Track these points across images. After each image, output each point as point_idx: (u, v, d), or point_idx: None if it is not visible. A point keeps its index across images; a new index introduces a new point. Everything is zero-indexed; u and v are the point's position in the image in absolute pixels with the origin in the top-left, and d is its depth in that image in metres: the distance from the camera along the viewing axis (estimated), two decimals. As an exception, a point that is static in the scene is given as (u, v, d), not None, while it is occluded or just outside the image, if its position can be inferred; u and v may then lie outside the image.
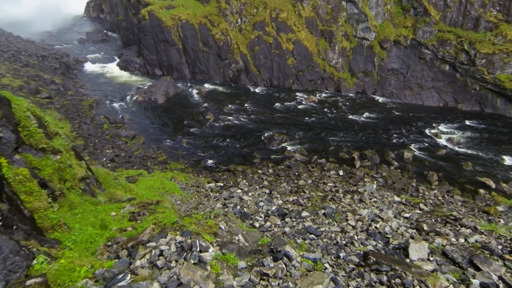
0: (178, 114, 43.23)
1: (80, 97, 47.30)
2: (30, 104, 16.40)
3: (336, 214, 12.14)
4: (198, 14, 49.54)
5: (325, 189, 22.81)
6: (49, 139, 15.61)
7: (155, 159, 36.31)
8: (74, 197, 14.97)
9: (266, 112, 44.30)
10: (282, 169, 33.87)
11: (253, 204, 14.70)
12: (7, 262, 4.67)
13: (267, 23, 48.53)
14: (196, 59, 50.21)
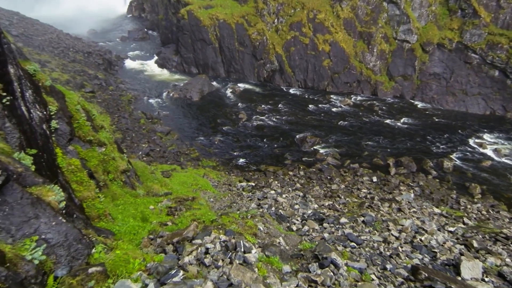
0: (211, 112, 43.87)
1: (120, 92, 49.32)
2: (80, 98, 17.27)
3: (376, 222, 11.70)
4: (235, 14, 50.01)
5: (360, 195, 22.15)
6: (95, 132, 16.34)
7: (188, 156, 37.04)
8: (116, 188, 15.57)
9: (299, 114, 43.86)
10: (314, 172, 33.38)
11: (288, 207, 14.54)
12: (71, 249, 4.88)
13: (304, 24, 48.02)
14: (231, 58, 50.73)
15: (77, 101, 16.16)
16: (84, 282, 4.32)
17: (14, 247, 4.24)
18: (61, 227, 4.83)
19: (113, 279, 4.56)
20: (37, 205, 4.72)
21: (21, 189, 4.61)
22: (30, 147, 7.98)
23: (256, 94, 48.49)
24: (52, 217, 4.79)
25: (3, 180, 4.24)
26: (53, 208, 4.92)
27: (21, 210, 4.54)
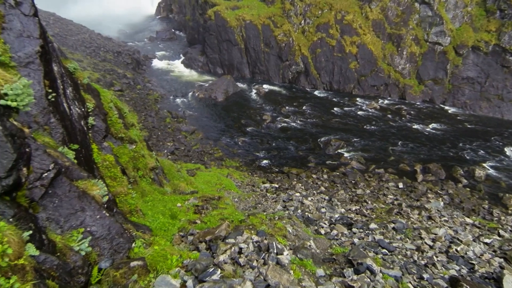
0: (236, 113, 44.16)
1: (147, 91, 50.60)
2: (112, 96, 17.84)
3: (407, 230, 11.32)
4: (262, 15, 50.14)
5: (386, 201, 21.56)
6: (127, 129, 16.80)
7: (212, 155, 37.42)
8: (145, 185, 15.94)
9: (324, 116, 43.33)
10: (338, 175, 32.87)
11: (314, 210, 14.36)
12: (113, 243, 5.01)
13: (331, 25, 47.44)
14: (256, 59, 50.89)
15: (110, 99, 16.70)
16: (127, 275, 4.42)
17: (63, 238, 4.41)
18: (104, 220, 4.97)
19: (153, 274, 4.64)
20: (83, 198, 4.89)
21: (69, 182, 4.78)
22: (71, 142, 8.31)
23: (281, 95, 48.37)
24: (96, 211, 4.94)
25: (55, 173, 4.41)
26: (97, 202, 5.08)
27: (69, 202, 4.72)
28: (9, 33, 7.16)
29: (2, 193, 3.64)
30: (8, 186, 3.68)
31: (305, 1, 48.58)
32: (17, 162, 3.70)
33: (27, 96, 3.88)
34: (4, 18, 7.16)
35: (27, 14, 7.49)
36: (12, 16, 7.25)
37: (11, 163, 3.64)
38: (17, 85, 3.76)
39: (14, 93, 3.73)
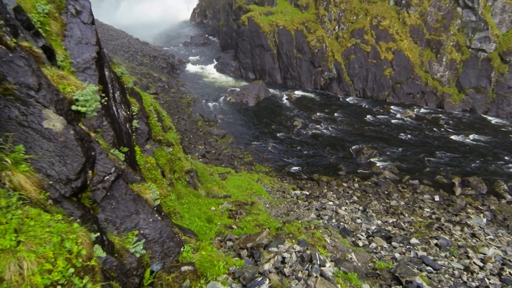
0: (266, 118, 44.23)
1: (180, 95, 51.96)
2: (152, 99, 18.45)
3: (451, 247, 10.69)
4: (295, 21, 50.09)
5: (424, 214, 20.57)
6: (164, 132, 17.28)
7: (242, 159, 37.63)
8: (181, 188, 16.26)
9: (356, 124, 42.33)
10: (369, 185, 31.93)
11: (350, 220, 13.97)
12: (164, 246, 5.12)
13: (366, 31, 46.45)
14: (289, 65, 50.82)
15: (150, 103, 17.26)
16: (179, 280, 4.48)
17: (120, 239, 4.56)
18: (156, 224, 5.09)
19: (203, 280, 4.68)
20: (138, 201, 5.04)
21: (125, 185, 4.95)
22: (120, 145, 8.64)
23: (312, 101, 47.88)
24: (149, 214, 5.07)
25: (115, 176, 4.58)
26: (150, 205, 5.22)
27: (125, 205, 4.87)
28: (69, 40, 7.60)
29: (71, 194, 3.82)
30: (77, 188, 3.85)
31: (340, 6, 47.97)
32: (85, 165, 3.87)
33: (94, 102, 4.06)
34: (65, 26, 7.62)
35: (86, 22, 7.92)
36: (72, 24, 7.70)
37: (80, 166, 3.81)
38: (86, 91, 3.95)
39: (84, 99, 3.92)
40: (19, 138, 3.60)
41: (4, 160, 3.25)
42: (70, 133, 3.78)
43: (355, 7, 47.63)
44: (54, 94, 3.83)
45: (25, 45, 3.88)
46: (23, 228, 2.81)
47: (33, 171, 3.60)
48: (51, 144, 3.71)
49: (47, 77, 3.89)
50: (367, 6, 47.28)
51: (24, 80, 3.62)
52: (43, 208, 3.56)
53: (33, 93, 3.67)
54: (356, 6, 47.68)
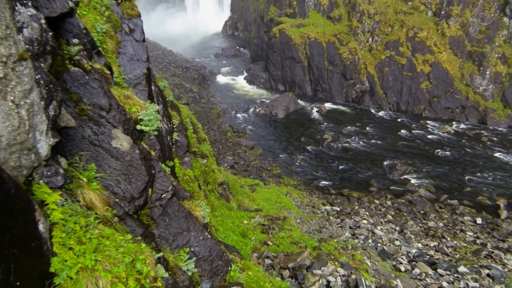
0: (296, 130, 43.94)
1: (210, 106, 52.92)
2: (188, 111, 18.87)
3: (506, 279, 9.88)
4: (327, 33, 49.90)
5: (467, 238, 19.32)
6: (199, 143, 17.55)
7: (270, 172, 37.46)
8: (214, 199, 16.34)
9: (389, 139, 41.01)
10: (403, 203, 30.61)
11: (387, 241, 13.36)
12: (213, 265, 5.09)
13: (401, 43, 45.35)
14: (319, 77, 50.51)
15: (187, 115, 17.66)
16: (229, 302, 4.42)
17: (174, 257, 4.58)
18: (206, 242, 5.08)
19: (253, 303, 4.59)
20: (189, 218, 5.06)
21: (178, 202, 5.00)
22: (164, 158, 8.83)
23: (343, 114, 47.09)
24: (200, 232, 5.08)
25: (172, 194, 4.64)
26: (200, 223, 5.23)
27: (177, 222, 4.91)
28: (123, 57, 7.94)
29: (133, 212, 3.89)
30: (139, 206, 3.93)
31: (374, 18, 47.28)
32: (147, 184, 3.95)
33: (156, 121, 4.17)
34: (120, 43, 7.97)
35: (138, 39, 8.25)
36: (126, 42, 8.05)
37: (143, 185, 3.89)
38: (150, 111, 4.07)
39: (148, 119, 4.03)
40: (90, 157, 3.73)
41: (80, 178, 3.37)
42: (135, 152, 3.87)
43: (390, 19, 46.74)
44: (122, 114, 3.95)
45: (97, 67, 4.05)
46: (99, 247, 2.88)
47: (101, 189, 3.71)
48: (118, 163, 3.81)
49: (116, 98, 4.02)
50: (403, 17, 46.25)
51: (97, 101, 3.77)
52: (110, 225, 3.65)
53: (104, 114, 3.80)
54: (391, 17, 46.79)
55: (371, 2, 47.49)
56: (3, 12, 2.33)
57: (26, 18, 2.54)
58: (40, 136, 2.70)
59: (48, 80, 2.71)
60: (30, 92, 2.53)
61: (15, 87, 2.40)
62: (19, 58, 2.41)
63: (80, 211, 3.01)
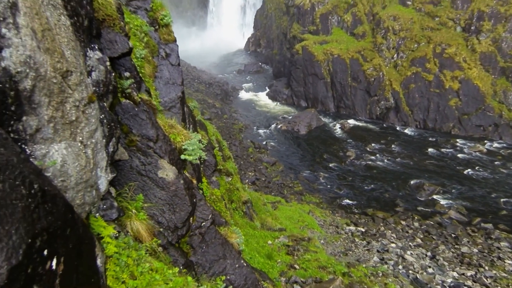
0: (318, 147, 43.52)
1: (232, 121, 53.48)
2: (214, 129, 19.14)
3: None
4: (351, 49, 49.82)
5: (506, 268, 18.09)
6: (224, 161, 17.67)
7: (292, 188, 37.09)
8: (238, 218, 16.28)
9: (416, 157, 39.77)
10: (432, 225, 29.29)
11: (419, 268, 12.75)
12: (249, 295, 5.02)
13: (428, 59, 44.49)
14: (342, 93, 50.19)
15: (213, 132, 17.92)
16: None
17: (211, 285, 4.56)
18: (242, 270, 5.04)
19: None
20: (225, 246, 5.06)
21: (215, 229, 5.02)
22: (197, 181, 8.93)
23: (367, 131, 46.29)
24: (236, 259, 5.04)
25: (211, 222, 4.67)
26: (236, 250, 5.21)
27: (214, 249, 4.91)
28: (159, 81, 8.23)
29: (175, 241, 3.94)
30: (181, 235, 3.97)
31: (399, 34, 46.84)
32: (190, 213, 3.99)
33: (199, 150, 4.25)
34: (157, 68, 8.28)
35: (174, 64, 8.54)
36: (162, 66, 8.35)
37: (187, 215, 3.93)
38: (194, 141, 4.15)
39: (192, 149, 4.12)
40: (137, 187, 3.83)
41: (129, 209, 3.46)
42: (180, 182, 3.94)
43: (416, 35, 46.13)
44: (168, 144, 4.05)
45: (145, 98, 4.20)
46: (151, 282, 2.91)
47: (147, 219, 3.79)
48: (163, 192, 3.89)
49: (162, 128, 4.13)
50: (430, 33, 45.54)
51: (146, 132, 3.89)
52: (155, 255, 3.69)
53: (152, 144, 3.91)
54: (417, 33, 46.19)
55: (396, 19, 47.18)
56: (78, 60, 2.46)
57: (94, 62, 2.69)
58: (100, 173, 2.80)
59: (110, 119, 2.83)
60: (95, 131, 2.65)
61: (84, 128, 2.52)
62: (88, 101, 2.53)
63: (132, 244, 3.07)
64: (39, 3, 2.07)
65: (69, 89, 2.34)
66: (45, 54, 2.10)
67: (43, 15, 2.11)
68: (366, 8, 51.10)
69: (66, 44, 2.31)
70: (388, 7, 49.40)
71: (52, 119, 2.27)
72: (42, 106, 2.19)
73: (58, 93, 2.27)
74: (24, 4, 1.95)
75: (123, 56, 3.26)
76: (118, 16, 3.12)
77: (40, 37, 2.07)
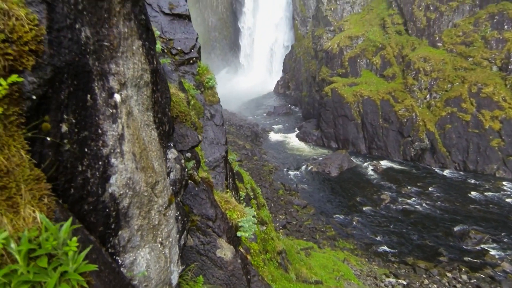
0: (350, 190, 42.28)
1: (262, 163, 53.70)
2: (249, 177, 19.29)
3: None
4: (381, 91, 49.81)
5: None
6: (258, 209, 17.52)
7: (324, 233, 35.76)
8: (273, 269, 15.73)
9: (457, 201, 37.36)
10: (483, 279, 26.66)
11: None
12: None
13: (464, 99, 43.34)
14: (374, 134, 49.44)
15: (248, 180, 18.03)
16: None
17: None
18: None
19: None
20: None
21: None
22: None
23: (401, 173, 44.59)
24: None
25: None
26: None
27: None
28: (204, 141, 8.60)
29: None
30: (237, 318, 3.92)
31: (431, 75, 46.44)
32: (246, 293, 3.97)
33: (253, 225, 4.31)
34: (202, 128, 8.71)
35: (218, 124, 8.96)
36: (207, 126, 8.77)
37: (243, 295, 3.92)
38: (249, 217, 4.24)
39: (248, 226, 4.19)
40: (196, 266, 3.90)
41: (191, 295, 3.50)
42: (237, 262, 3.97)
43: (449, 75, 45.52)
44: (226, 223, 4.15)
45: (204, 176, 4.39)
46: None
47: (205, 301, 3.80)
48: (221, 272, 3.92)
49: (220, 207, 4.25)
50: (464, 73, 44.78)
51: (205, 212, 4.02)
52: None
53: (211, 224, 4.02)
54: (450, 74, 45.59)
55: (427, 60, 47.12)
56: (162, 167, 2.67)
57: (172, 163, 2.92)
58: (173, 267, 2.90)
59: (183, 214, 2.99)
60: (171, 230, 2.80)
61: (163, 229, 2.67)
62: (168, 204, 2.71)
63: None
64: (138, 127, 2.33)
65: (155, 197, 2.53)
66: (141, 173, 2.32)
67: (141, 137, 2.36)
68: (395, 51, 51.70)
69: (155, 156, 2.54)
70: (418, 49, 49.68)
71: (140, 228, 2.44)
72: (133, 218, 2.37)
73: (147, 204, 2.46)
74: (128, 132, 2.20)
75: (192, 148, 3.51)
76: (189, 111, 3.41)
77: (138, 158, 2.30)
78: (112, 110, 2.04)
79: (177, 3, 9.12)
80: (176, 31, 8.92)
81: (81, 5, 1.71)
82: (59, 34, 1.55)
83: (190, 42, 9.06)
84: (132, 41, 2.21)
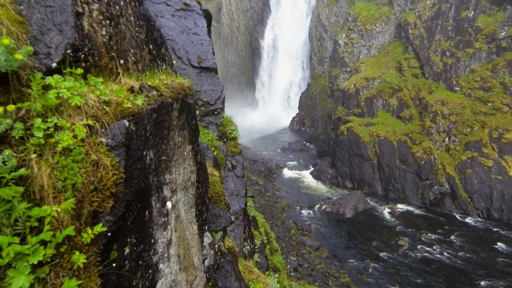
0: (366, 233, 40.81)
1: (275, 199, 52.99)
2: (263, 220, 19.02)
3: None
4: (398, 132, 49.50)
5: None
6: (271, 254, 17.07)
7: (337, 279, 34.18)
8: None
9: (483, 252, 35.32)
10: None
11: None
12: None
13: (485, 144, 42.43)
14: (391, 176, 48.47)
15: (262, 224, 17.77)
16: None
17: None
18: None
19: None
20: None
21: None
22: None
23: (420, 218, 42.93)
24: None
25: None
26: None
27: None
28: (224, 192, 8.68)
29: None
30: None
31: (449, 118, 46.08)
32: None
33: None
34: (223, 179, 8.82)
35: (238, 175, 9.06)
36: (228, 178, 8.88)
37: None
38: None
39: None
40: None
41: None
42: None
43: (468, 119, 45.04)
44: (251, 298, 4.08)
45: (229, 246, 4.41)
46: None
47: None
48: None
49: (244, 278, 4.21)
50: (484, 118, 44.24)
51: (230, 285, 3.99)
52: None
53: (236, 299, 3.97)
54: (469, 118, 45.13)
55: (445, 103, 47.02)
56: (200, 258, 2.72)
57: (207, 250, 2.97)
58: None
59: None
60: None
61: (197, 323, 2.66)
62: (204, 296, 2.71)
63: None
64: (184, 228, 2.43)
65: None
66: (183, 273, 2.38)
67: (185, 237, 2.45)
68: (412, 93, 51.99)
69: (195, 252, 2.61)
70: (435, 92, 49.85)
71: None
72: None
73: (186, 301, 2.49)
74: (175, 235, 2.29)
75: (224, 228, 3.59)
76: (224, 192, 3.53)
77: (182, 259, 2.37)
78: (164, 219, 2.15)
79: (205, 57, 9.66)
80: (203, 83, 9.37)
81: (149, 132, 1.88)
82: (132, 169, 1.70)
83: (215, 94, 9.44)
84: (184, 148, 2.37)
